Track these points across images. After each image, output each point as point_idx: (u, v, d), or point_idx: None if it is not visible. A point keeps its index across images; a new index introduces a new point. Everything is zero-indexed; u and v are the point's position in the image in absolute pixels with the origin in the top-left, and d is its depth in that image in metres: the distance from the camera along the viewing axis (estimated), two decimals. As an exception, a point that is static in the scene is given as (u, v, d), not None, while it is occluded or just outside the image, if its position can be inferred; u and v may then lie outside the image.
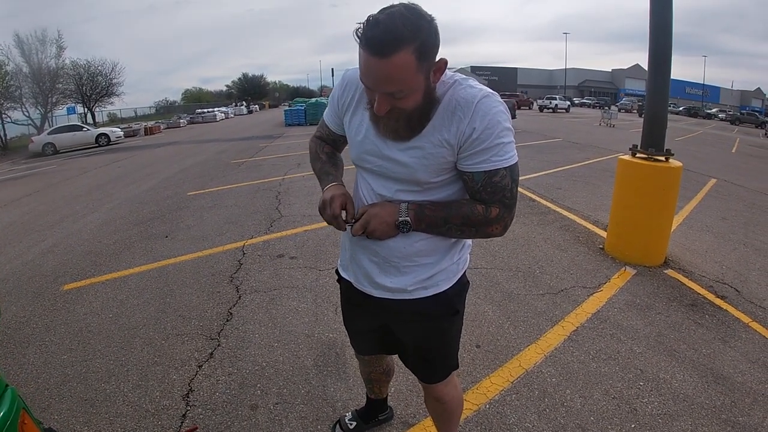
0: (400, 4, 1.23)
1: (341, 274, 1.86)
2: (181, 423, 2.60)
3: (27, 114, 38.09)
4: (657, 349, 3.25)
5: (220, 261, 5.11)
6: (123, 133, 30.75)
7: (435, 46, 1.26)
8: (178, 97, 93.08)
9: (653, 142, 4.67)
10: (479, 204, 1.44)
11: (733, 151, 20.02)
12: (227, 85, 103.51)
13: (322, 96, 58.18)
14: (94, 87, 45.96)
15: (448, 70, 1.37)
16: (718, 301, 4.04)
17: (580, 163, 11.62)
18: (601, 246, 5.30)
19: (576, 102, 66.97)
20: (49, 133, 26.85)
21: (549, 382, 2.88)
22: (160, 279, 4.71)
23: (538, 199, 7.63)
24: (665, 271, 4.62)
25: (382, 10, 1.21)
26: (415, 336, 1.76)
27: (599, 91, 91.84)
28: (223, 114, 53.39)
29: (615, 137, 20.07)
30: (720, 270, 4.75)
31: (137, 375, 3.07)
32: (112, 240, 6.23)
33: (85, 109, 45.80)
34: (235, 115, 60.07)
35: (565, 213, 6.77)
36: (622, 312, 3.79)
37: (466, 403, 2.67)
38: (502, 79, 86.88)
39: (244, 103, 74.97)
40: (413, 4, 1.24)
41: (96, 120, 46.38)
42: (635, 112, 53.07)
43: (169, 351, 3.35)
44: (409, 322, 1.73)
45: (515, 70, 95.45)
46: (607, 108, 36.68)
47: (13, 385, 2.51)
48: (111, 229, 6.85)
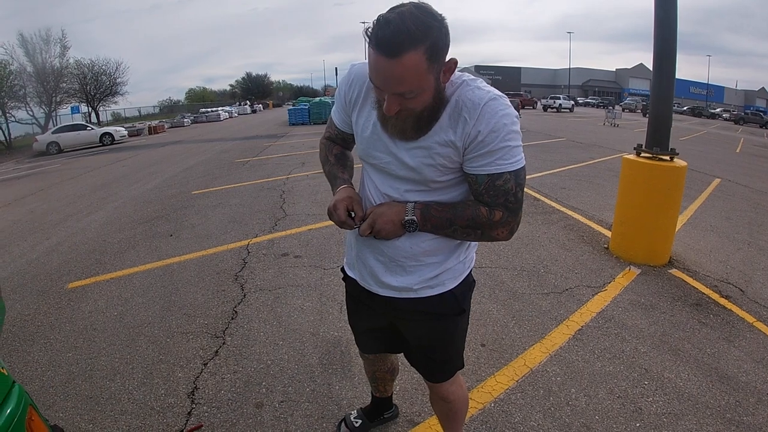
0: (411, 3, 1.21)
1: (347, 272, 1.85)
2: (186, 421, 2.61)
3: (31, 113, 38.30)
4: (661, 349, 3.25)
5: (225, 259, 5.12)
6: (127, 132, 30.82)
7: (445, 46, 1.24)
8: (181, 97, 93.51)
9: (658, 142, 4.66)
10: (483, 206, 1.43)
11: (737, 150, 19.94)
12: (231, 85, 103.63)
13: (325, 95, 58.21)
14: (98, 86, 46.17)
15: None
16: (723, 300, 4.03)
17: (584, 163, 11.59)
18: (605, 245, 5.29)
19: (580, 102, 66.91)
20: (53, 132, 26.94)
21: (554, 381, 2.88)
22: (164, 277, 4.72)
23: (543, 198, 7.62)
24: (670, 271, 4.61)
25: (393, 9, 1.19)
26: (421, 335, 1.76)
27: (603, 90, 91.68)
28: (226, 113, 53.38)
29: (619, 137, 20.03)
30: (724, 270, 4.74)
31: (142, 373, 3.08)
32: (117, 239, 6.25)
33: (89, 108, 45.97)
34: (238, 114, 60.02)
35: (569, 212, 6.76)
36: (626, 311, 3.79)
37: (471, 402, 2.68)
38: (505, 78, 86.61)
39: (248, 102, 75.01)
40: (424, 3, 1.22)
41: (100, 119, 46.57)
42: (639, 111, 53.05)
43: (174, 349, 3.35)
44: (415, 321, 1.72)
45: (519, 69, 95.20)
46: (611, 108, 36.57)
47: (18, 382, 2.52)
48: (115, 227, 6.87)
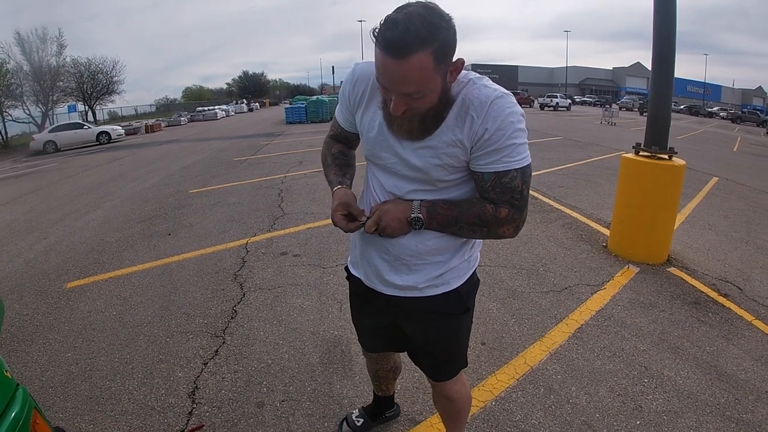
0: (418, 2, 1.20)
1: (351, 271, 1.85)
2: (188, 420, 2.60)
3: (28, 112, 38.27)
4: (661, 347, 3.26)
5: (224, 258, 5.11)
6: (124, 131, 30.76)
7: (453, 47, 1.24)
8: (178, 95, 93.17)
9: (656, 141, 4.67)
10: (489, 204, 1.43)
11: (734, 149, 19.99)
12: (228, 83, 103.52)
13: (322, 94, 58.09)
14: (95, 85, 46.10)
15: None
16: (721, 299, 4.05)
17: (582, 162, 11.61)
18: (604, 244, 5.30)
19: (577, 100, 67.02)
20: (50, 131, 26.93)
21: (554, 379, 2.89)
22: (163, 276, 4.71)
23: (541, 197, 7.63)
24: (668, 269, 4.62)
25: (400, 9, 1.18)
26: (426, 334, 1.76)
27: (600, 89, 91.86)
28: (223, 112, 53.30)
29: (616, 135, 20.06)
30: (723, 268, 4.76)
31: (142, 373, 3.07)
32: (115, 238, 6.23)
33: (86, 107, 45.93)
34: (235, 113, 59.95)
35: (568, 211, 6.77)
36: (625, 310, 3.80)
37: (472, 401, 2.68)
38: (503, 77, 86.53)
39: (245, 101, 74.91)
40: (431, 2, 1.21)
41: (97, 118, 46.50)
42: (636, 110, 53.08)
43: (174, 349, 3.35)
44: (420, 320, 1.72)
45: (516, 68, 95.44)
46: (608, 106, 36.65)
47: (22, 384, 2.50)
48: (113, 226, 6.85)
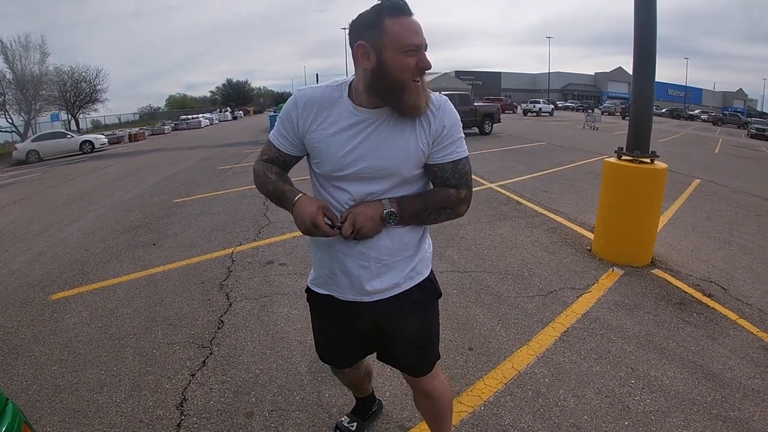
0: None
1: (317, 290, 1.86)
2: (176, 432, 2.59)
3: (10, 121, 37.85)
4: (647, 348, 3.29)
5: (210, 268, 5.09)
6: (107, 140, 30.52)
7: None
8: (162, 104, 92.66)
9: (638, 145, 4.73)
10: (451, 189, 1.65)
11: (716, 151, 20.27)
12: (211, 91, 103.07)
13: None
14: (78, 93, 45.71)
15: (430, 74, 1.52)
16: (706, 299, 4.10)
17: (565, 166, 11.71)
18: (588, 247, 5.35)
19: (560, 105, 67.42)
20: (32, 141, 26.65)
21: (542, 383, 2.90)
22: (149, 287, 4.67)
23: (525, 202, 7.68)
24: (652, 271, 4.67)
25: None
26: (409, 326, 1.83)
27: (582, 94, 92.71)
28: (207, 120, 53.08)
29: (599, 140, 20.24)
30: (706, 269, 4.82)
31: (129, 385, 3.04)
32: (99, 248, 6.18)
33: (69, 115, 45.50)
34: (219, 121, 59.73)
35: (551, 216, 6.82)
36: (611, 312, 3.83)
37: (461, 406, 2.70)
38: (486, 83, 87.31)
39: (229, 109, 74.64)
40: None
41: (80, 127, 46.09)
42: (618, 114, 53.62)
43: (161, 360, 3.32)
44: (403, 315, 1.79)
45: (499, 74, 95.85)
46: (590, 111, 36.93)
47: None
48: (98, 237, 6.79)
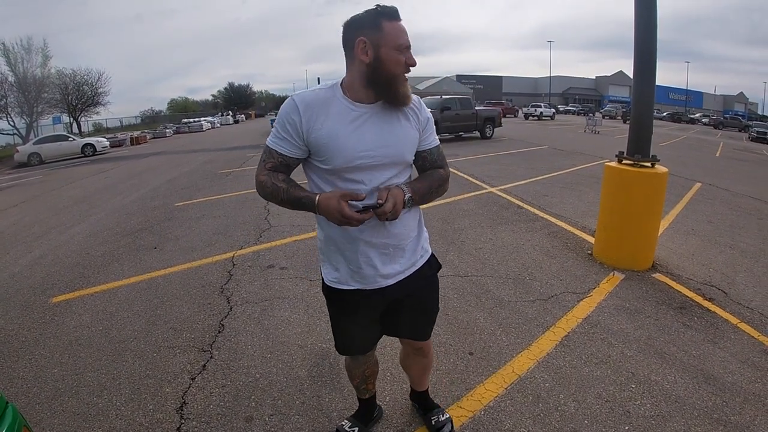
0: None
1: (343, 287, 1.98)
2: (176, 436, 2.59)
3: (12, 123, 37.90)
4: (648, 352, 3.28)
5: (210, 272, 5.09)
6: (109, 143, 30.54)
7: None
8: (164, 107, 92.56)
9: (639, 149, 4.73)
10: (440, 169, 1.99)
11: (717, 154, 20.26)
12: (213, 95, 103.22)
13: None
14: (79, 96, 45.78)
15: (431, 78, 1.66)
16: (707, 303, 4.09)
17: (566, 170, 11.71)
18: (589, 252, 5.34)
19: (561, 109, 67.42)
20: (34, 143, 26.65)
21: (542, 388, 2.90)
22: (149, 291, 4.68)
23: (526, 206, 7.68)
24: (653, 275, 4.67)
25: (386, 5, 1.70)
26: (424, 299, 2.13)
27: (583, 98, 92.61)
28: (209, 124, 53.17)
29: (600, 144, 20.24)
30: (707, 272, 4.81)
31: (129, 388, 3.05)
32: (100, 251, 6.18)
33: (71, 118, 45.57)
34: (221, 124, 59.82)
35: (552, 220, 6.82)
36: (612, 316, 3.83)
37: (461, 410, 2.71)
38: (487, 87, 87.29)
39: (231, 112, 74.71)
40: None
41: (81, 130, 46.14)
42: (620, 118, 53.55)
43: (161, 364, 3.33)
44: (420, 289, 2.07)
45: (500, 78, 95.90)
46: (591, 115, 36.97)
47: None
48: (99, 240, 6.80)
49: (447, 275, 4.63)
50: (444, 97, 21.16)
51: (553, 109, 52.30)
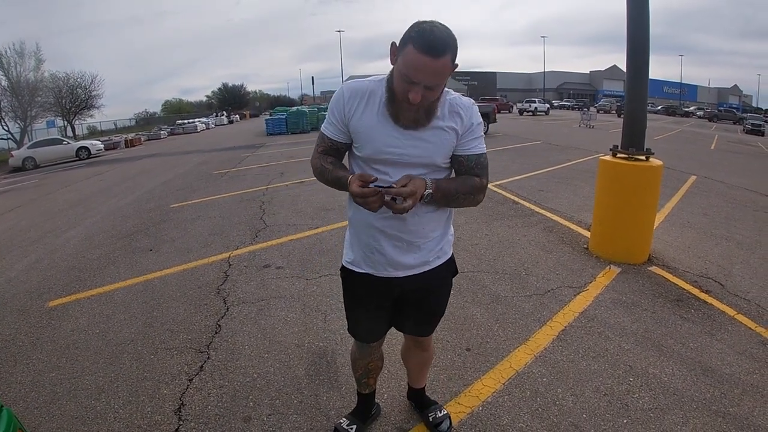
0: (433, 21, 1.60)
1: (356, 269, 2.04)
2: (174, 437, 2.58)
3: (6, 128, 37.67)
4: (645, 345, 3.29)
5: (206, 273, 5.08)
6: (103, 145, 30.43)
7: (457, 52, 1.63)
8: (158, 109, 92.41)
9: (633, 142, 4.73)
10: (476, 177, 1.92)
11: (712, 147, 20.33)
12: (207, 96, 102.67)
13: (303, 104, 57.93)
14: (73, 100, 45.55)
15: None
16: (703, 295, 4.10)
17: (561, 165, 11.73)
18: (585, 246, 5.35)
19: (555, 104, 67.44)
20: (29, 147, 26.55)
21: (540, 382, 2.90)
22: (146, 293, 4.66)
23: (522, 201, 7.68)
24: (649, 268, 4.67)
25: (426, 23, 1.58)
26: (432, 300, 2.15)
27: (578, 93, 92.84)
28: (203, 125, 53.01)
29: (595, 138, 20.29)
30: (703, 265, 4.82)
31: (127, 391, 3.04)
32: (96, 255, 6.16)
33: (65, 122, 45.41)
34: (216, 125, 59.61)
35: (548, 214, 6.83)
36: (608, 310, 3.83)
37: (459, 407, 2.71)
38: (481, 83, 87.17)
39: (225, 113, 74.54)
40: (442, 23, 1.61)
41: (76, 133, 45.92)
42: (614, 112, 53.61)
43: (159, 365, 3.32)
44: (430, 289, 2.10)
45: (494, 74, 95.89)
46: (585, 109, 36.94)
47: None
48: (94, 243, 6.77)
49: (444, 272, 4.60)
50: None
51: (547, 105, 52.35)
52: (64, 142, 27.78)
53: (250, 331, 3.74)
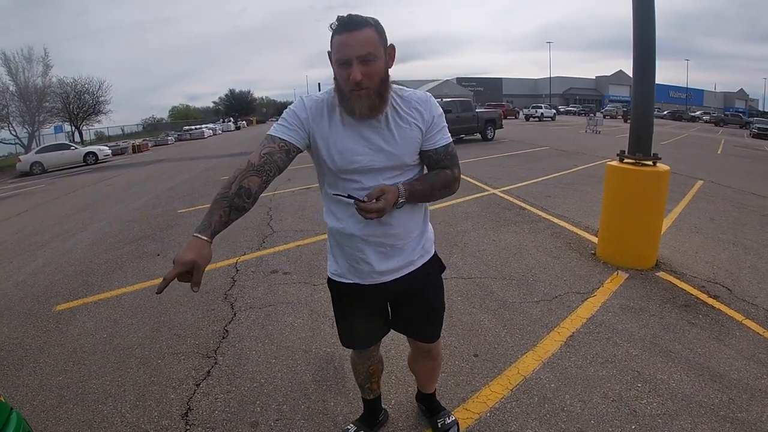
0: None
1: (342, 281, 2.03)
2: (181, 442, 2.58)
3: (14, 133, 38.06)
4: (653, 351, 3.27)
5: (214, 278, 5.09)
6: (111, 151, 30.65)
7: (385, 34, 1.69)
8: (165, 115, 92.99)
9: (640, 147, 4.72)
10: (447, 169, 1.94)
11: (718, 152, 20.23)
12: (214, 102, 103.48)
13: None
14: (81, 105, 45.87)
15: (432, 81, 1.60)
16: (711, 300, 4.08)
17: (568, 171, 11.71)
18: (592, 251, 5.33)
19: (561, 110, 67.32)
20: (36, 152, 26.77)
21: (548, 388, 2.89)
22: (153, 297, 4.67)
23: (529, 207, 7.67)
24: (657, 274, 4.65)
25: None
26: (424, 296, 2.13)
27: (584, 98, 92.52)
28: (210, 131, 53.22)
29: (601, 143, 20.22)
30: (711, 270, 4.80)
31: (134, 395, 3.05)
32: (104, 259, 6.19)
33: (73, 127, 45.71)
34: (223, 131, 59.85)
35: (555, 220, 6.81)
36: (616, 316, 3.82)
37: (467, 413, 2.70)
38: (487, 89, 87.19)
39: (232, 119, 74.82)
40: None
41: (83, 138, 46.22)
42: (620, 117, 53.49)
43: (166, 370, 3.33)
44: (418, 288, 2.07)
45: (500, 80, 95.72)
46: (592, 115, 36.94)
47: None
48: (102, 248, 6.81)
49: (450, 277, 4.62)
50: (444, 99, 21.21)
51: (553, 110, 52.25)
52: (72, 147, 27.95)
53: (257, 336, 3.74)
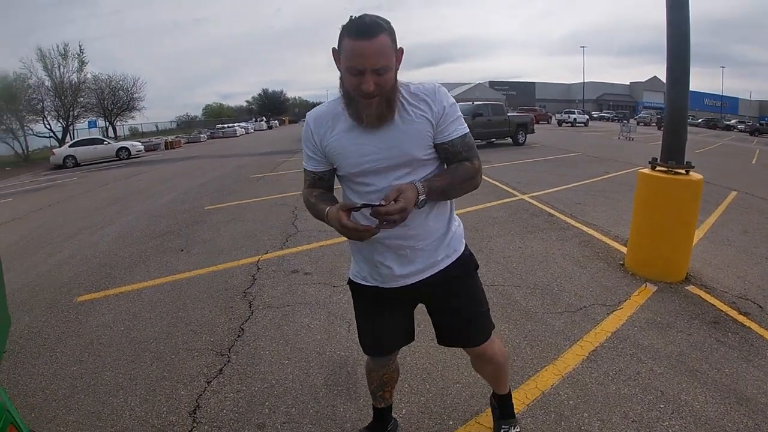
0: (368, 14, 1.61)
1: (363, 283, 2.00)
2: (188, 441, 2.56)
3: (49, 126, 39.06)
4: (678, 370, 3.14)
5: (235, 275, 5.09)
6: (143, 147, 31.17)
7: (395, 35, 1.62)
8: (198, 112, 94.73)
9: (673, 155, 4.57)
10: (467, 162, 1.82)
11: (753, 162, 19.71)
12: (247, 101, 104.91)
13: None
14: (115, 101, 46.92)
15: (464, 84, 1.54)
16: (741, 317, 3.91)
17: (599, 178, 11.47)
18: (621, 262, 5.18)
19: (594, 116, 66.50)
20: (70, 146, 27.46)
21: (566, 405, 2.78)
22: (173, 293, 4.70)
23: (557, 214, 7.52)
24: (686, 287, 4.49)
25: (358, 16, 1.58)
26: (453, 300, 2.00)
27: (617, 104, 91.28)
28: (243, 129, 53.94)
29: (634, 150, 19.86)
30: (743, 285, 4.62)
31: (145, 389, 3.05)
32: (128, 253, 6.26)
33: (107, 122, 46.71)
34: (255, 130, 60.62)
35: (584, 228, 6.66)
36: (642, 331, 3.68)
37: (479, 427, 2.61)
38: (520, 93, 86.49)
39: (264, 118, 75.65)
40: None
41: (117, 134, 47.27)
42: (654, 125, 52.54)
43: (179, 366, 3.32)
44: (446, 290, 1.97)
45: (533, 84, 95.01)
46: (625, 121, 36.30)
47: (22, 395, 2.45)
48: (128, 241, 6.89)
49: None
50: (476, 103, 21.12)
51: (586, 116, 51.69)
52: (105, 142, 28.58)
53: (272, 336, 3.71)
